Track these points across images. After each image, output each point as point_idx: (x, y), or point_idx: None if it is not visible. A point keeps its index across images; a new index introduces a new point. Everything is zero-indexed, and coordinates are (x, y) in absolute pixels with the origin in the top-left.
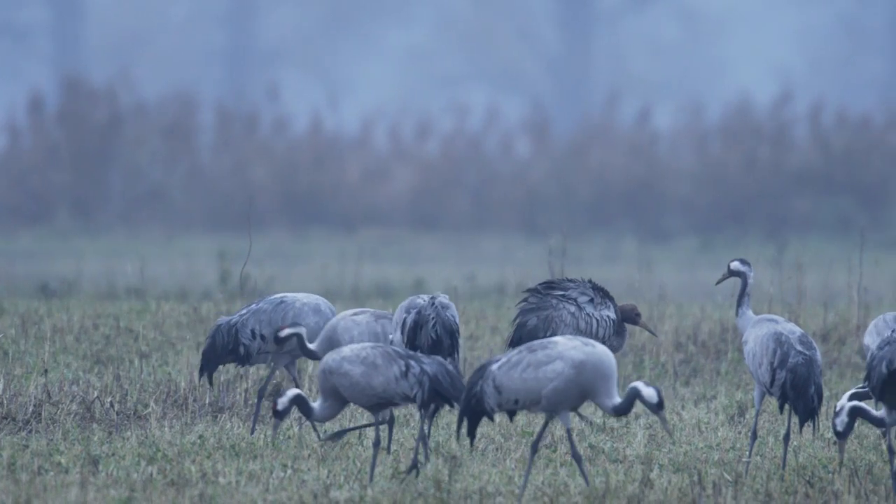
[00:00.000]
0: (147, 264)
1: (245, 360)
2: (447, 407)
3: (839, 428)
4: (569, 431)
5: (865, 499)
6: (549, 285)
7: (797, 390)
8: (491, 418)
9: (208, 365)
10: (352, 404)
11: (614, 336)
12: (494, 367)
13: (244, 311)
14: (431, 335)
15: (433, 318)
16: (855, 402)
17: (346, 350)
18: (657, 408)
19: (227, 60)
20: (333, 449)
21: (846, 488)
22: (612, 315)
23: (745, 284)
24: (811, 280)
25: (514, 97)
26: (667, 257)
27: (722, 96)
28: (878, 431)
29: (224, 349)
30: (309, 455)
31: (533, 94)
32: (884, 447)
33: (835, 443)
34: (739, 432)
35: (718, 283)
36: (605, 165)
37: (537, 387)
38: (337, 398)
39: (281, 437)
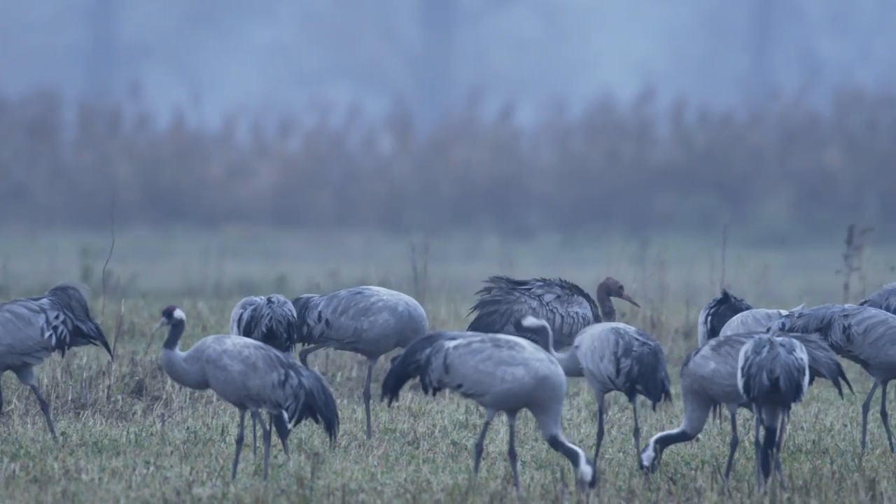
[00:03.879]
0: (9, 261)
1: (306, 339)
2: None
3: (645, 463)
4: (486, 425)
5: (728, 496)
6: (515, 283)
7: (645, 376)
8: (426, 391)
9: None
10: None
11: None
12: (450, 344)
13: (326, 295)
14: (263, 329)
15: (268, 314)
16: (658, 436)
17: (229, 343)
18: (585, 487)
19: (89, 57)
20: (196, 446)
21: (709, 485)
22: (584, 311)
23: (546, 336)
24: (673, 277)
25: (376, 94)
26: (529, 254)
27: (584, 93)
28: (751, 427)
29: None
30: (172, 452)
31: (395, 91)
32: (747, 444)
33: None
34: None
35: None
36: (467, 162)
37: (490, 382)
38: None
39: (144, 434)
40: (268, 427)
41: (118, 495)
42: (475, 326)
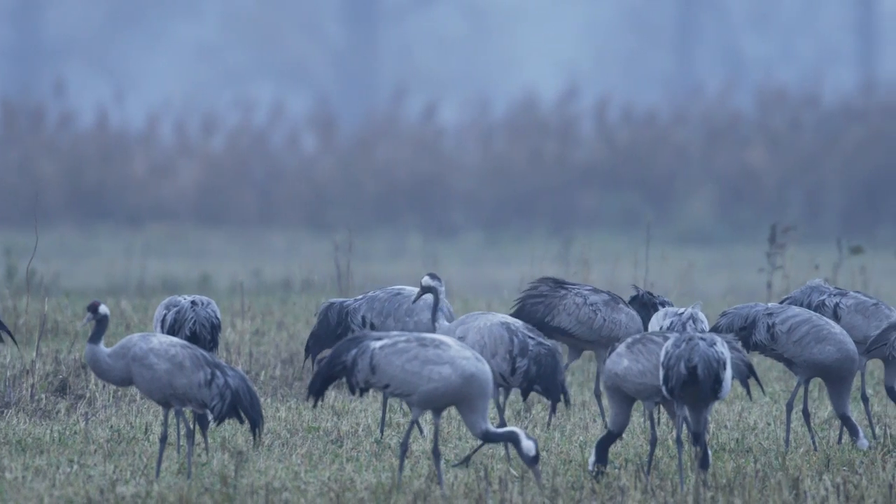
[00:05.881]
0: None
1: None
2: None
3: (590, 468)
4: (413, 424)
5: (652, 494)
6: (562, 283)
7: (545, 378)
8: (353, 391)
9: (315, 347)
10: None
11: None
12: (376, 345)
13: (360, 297)
14: (187, 332)
15: (192, 317)
16: (597, 441)
17: (155, 342)
18: (532, 462)
19: (12, 55)
20: (119, 444)
21: (632, 484)
22: (628, 321)
23: (436, 299)
24: (597, 275)
25: (300, 92)
26: (453, 252)
27: (508, 91)
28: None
29: (333, 331)
30: (95, 450)
31: (319, 89)
32: (670, 442)
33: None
34: (526, 427)
35: (415, 301)
36: (391, 161)
37: (416, 382)
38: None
39: (68, 433)
40: (191, 426)
41: (42, 494)
42: (516, 314)
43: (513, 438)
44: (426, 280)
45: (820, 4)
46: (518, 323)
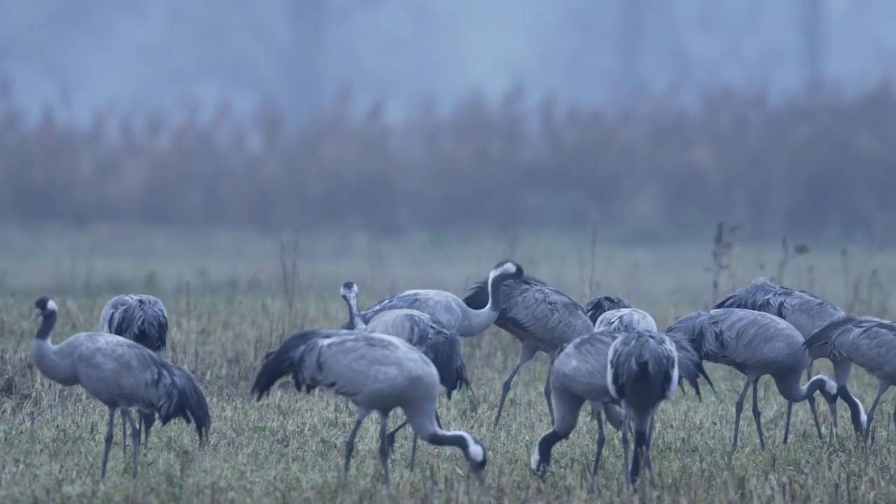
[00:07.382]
0: None
1: None
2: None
3: (534, 466)
4: (358, 424)
5: (598, 493)
6: (527, 279)
7: (440, 364)
8: (299, 388)
9: None
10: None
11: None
12: (324, 342)
13: (377, 307)
14: (135, 331)
15: (140, 316)
16: (540, 439)
17: (102, 342)
18: (478, 467)
19: None
20: (65, 444)
21: (578, 483)
22: (583, 327)
23: (349, 305)
24: (543, 274)
25: (245, 92)
26: (398, 252)
27: (454, 91)
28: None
29: None
30: (41, 450)
31: (264, 88)
32: (616, 442)
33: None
34: (471, 427)
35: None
36: (336, 160)
37: (362, 381)
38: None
39: (13, 433)
40: (137, 425)
41: None
42: (471, 299)
43: (460, 443)
44: (342, 291)
45: (765, 4)
46: (425, 317)
